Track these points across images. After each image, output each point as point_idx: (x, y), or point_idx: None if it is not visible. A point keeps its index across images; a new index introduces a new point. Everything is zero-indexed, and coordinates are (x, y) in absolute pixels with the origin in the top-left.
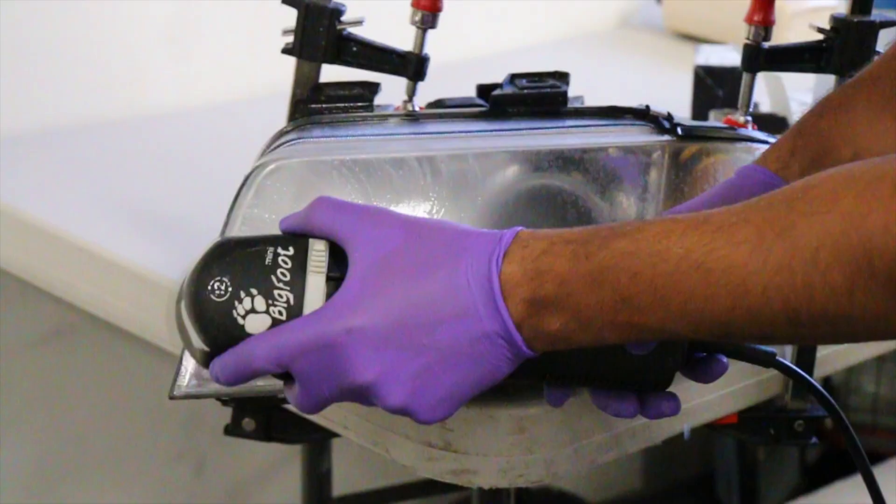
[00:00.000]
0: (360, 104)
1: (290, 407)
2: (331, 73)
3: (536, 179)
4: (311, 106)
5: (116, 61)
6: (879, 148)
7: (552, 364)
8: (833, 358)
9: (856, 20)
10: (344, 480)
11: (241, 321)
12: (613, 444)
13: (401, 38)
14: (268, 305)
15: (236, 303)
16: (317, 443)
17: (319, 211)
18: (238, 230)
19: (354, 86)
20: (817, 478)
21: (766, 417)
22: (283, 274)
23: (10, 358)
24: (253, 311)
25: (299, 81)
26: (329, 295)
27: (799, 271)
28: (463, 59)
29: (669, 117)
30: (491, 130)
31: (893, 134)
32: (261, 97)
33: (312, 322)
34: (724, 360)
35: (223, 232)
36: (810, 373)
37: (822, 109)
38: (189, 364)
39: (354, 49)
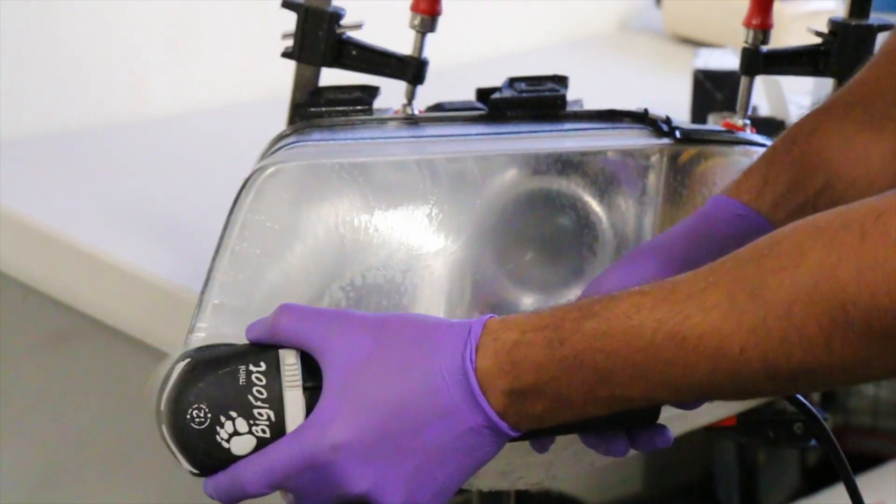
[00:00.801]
0: (359, 108)
1: None
2: (330, 76)
3: (535, 183)
4: (311, 109)
5: (117, 64)
6: (852, 175)
7: (537, 434)
8: None
9: (854, 24)
10: None
11: (226, 445)
12: None
13: (400, 41)
14: (250, 426)
15: (218, 428)
16: None
17: (285, 320)
18: (237, 234)
19: (354, 89)
20: (817, 480)
21: (766, 420)
22: (259, 392)
23: (11, 361)
24: (236, 433)
25: (299, 85)
26: (308, 405)
27: (774, 328)
28: (462, 62)
29: (668, 121)
30: (490, 134)
31: (865, 161)
32: (260, 101)
33: (297, 441)
34: (669, 432)
35: (223, 236)
36: None
37: (793, 136)
38: None
39: (354, 53)
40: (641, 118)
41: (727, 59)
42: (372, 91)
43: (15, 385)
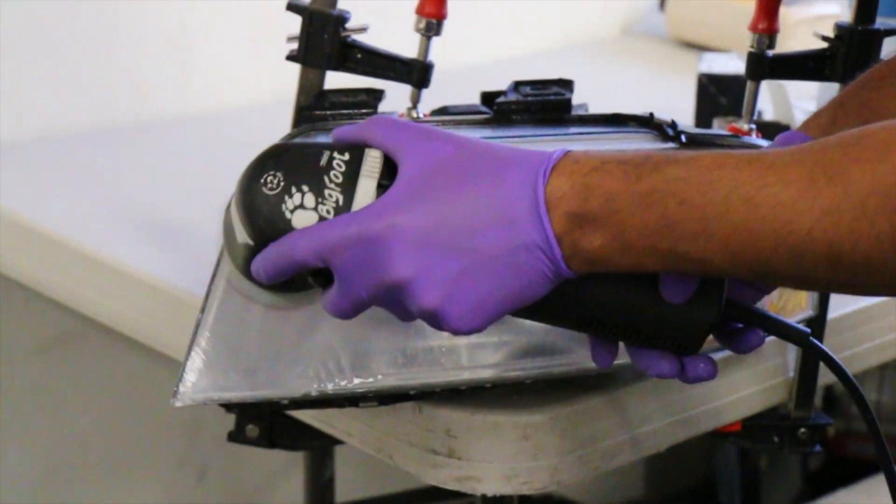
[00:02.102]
0: (364, 111)
1: (294, 414)
2: (335, 80)
3: None
4: (316, 113)
5: (120, 67)
6: None
7: (586, 302)
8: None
9: (859, 28)
10: (347, 487)
11: (288, 215)
12: (618, 452)
13: (405, 45)
14: (317, 203)
15: (286, 197)
16: (320, 450)
17: (375, 125)
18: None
19: (359, 93)
20: (820, 486)
21: (770, 425)
22: (335, 176)
23: (13, 364)
24: (302, 206)
25: (303, 88)
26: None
27: (846, 216)
28: (467, 66)
29: (673, 125)
30: (495, 138)
31: None
32: (265, 104)
33: (357, 218)
34: (761, 333)
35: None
36: (814, 379)
37: (864, 81)
38: (192, 370)
39: (359, 56)
40: (647, 122)
41: (732, 64)
42: (377, 94)
43: (17, 387)
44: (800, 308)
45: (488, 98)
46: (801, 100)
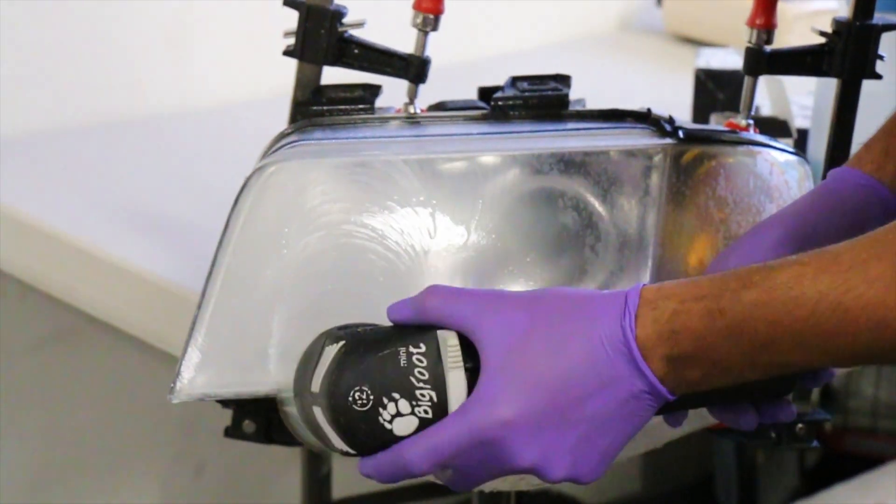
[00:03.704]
0: (361, 106)
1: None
2: (332, 75)
3: (537, 182)
4: (313, 108)
5: (117, 62)
6: None
7: (690, 400)
8: None
9: (857, 23)
10: (344, 483)
11: (388, 426)
12: None
13: (402, 40)
14: (412, 407)
15: (381, 409)
16: None
17: (436, 301)
18: (239, 232)
19: (356, 88)
20: (816, 481)
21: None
22: (420, 373)
23: (10, 360)
24: (399, 414)
25: (300, 83)
26: (469, 386)
27: None
28: (464, 61)
29: (671, 120)
30: (492, 133)
31: None
32: (262, 99)
33: (463, 419)
34: (793, 408)
35: (224, 235)
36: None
37: None
38: (189, 366)
39: (356, 51)
40: (644, 118)
41: (729, 59)
42: (374, 90)
43: (14, 382)
44: None
45: (485, 93)
46: (798, 95)
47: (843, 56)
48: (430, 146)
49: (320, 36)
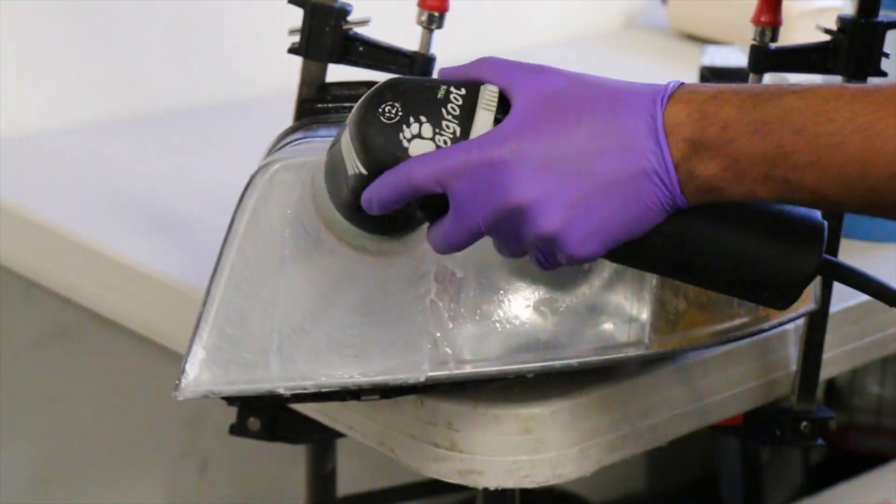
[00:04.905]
0: None
1: (296, 407)
2: (337, 72)
3: None
4: (317, 105)
5: (121, 60)
6: None
7: (689, 244)
8: (838, 359)
9: (862, 21)
10: (349, 480)
11: (405, 143)
12: (619, 445)
13: (407, 38)
14: (434, 133)
15: (404, 126)
16: (322, 443)
17: (484, 63)
18: (244, 230)
19: (360, 85)
20: (821, 479)
21: (772, 419)
22: (452, 108)
23: (15, 357)
24: (419, 136)
25: (305, 81)
26: None
27: None
28: (469, 59)
29: None
30: None
31: None
32: (267, 97)
33: (477, 144)
34: None
35: (229, 233)
36: (817, 372)
37: None
38: (194, 364)
39: (361, 49)
40: None
41: (734, 56)
42: None
43: (17, 380)
44: (802, 301)
45: None
46: None
47: (848, 53)
48: None
49: (325, 33)
